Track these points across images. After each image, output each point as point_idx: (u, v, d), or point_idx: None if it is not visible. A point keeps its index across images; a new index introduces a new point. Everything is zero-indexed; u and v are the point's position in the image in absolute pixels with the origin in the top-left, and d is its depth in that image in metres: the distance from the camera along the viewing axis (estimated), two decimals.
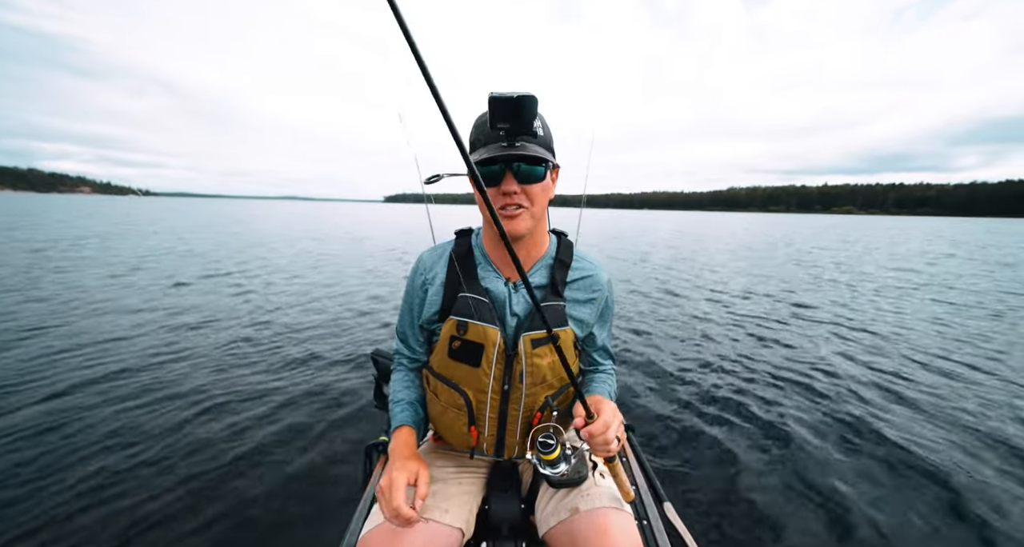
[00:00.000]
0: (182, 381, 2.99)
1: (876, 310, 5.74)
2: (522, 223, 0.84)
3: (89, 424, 2.38)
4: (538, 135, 0.81)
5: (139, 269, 7.39)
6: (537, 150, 0.79)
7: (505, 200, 0.82)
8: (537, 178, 0.82)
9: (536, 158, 0.78)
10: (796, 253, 13.61)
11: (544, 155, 0.79)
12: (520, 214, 0.83)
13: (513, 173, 0.80)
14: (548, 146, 0.84)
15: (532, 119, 0.74)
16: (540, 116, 0.81)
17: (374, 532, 0.81)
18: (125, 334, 3.90)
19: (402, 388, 1.01)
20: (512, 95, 0.70)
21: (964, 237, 26.18)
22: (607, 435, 0.77)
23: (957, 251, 15.59)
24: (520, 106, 0.71)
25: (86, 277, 6.46)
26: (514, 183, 0.81)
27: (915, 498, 1.96)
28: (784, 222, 55.80)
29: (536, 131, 0.80)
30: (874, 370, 3.52)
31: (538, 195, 0.84)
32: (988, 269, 10.28)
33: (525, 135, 0.78)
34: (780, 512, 1.85)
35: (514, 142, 0.77)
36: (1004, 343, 4.29)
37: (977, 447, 2.38)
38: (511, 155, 0.77)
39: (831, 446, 2.38)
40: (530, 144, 0.79)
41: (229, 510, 1.79)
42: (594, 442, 0.77)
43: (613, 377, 1.07)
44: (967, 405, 2.89)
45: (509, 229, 0.83)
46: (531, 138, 0.79)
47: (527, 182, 0.81)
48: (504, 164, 0.79)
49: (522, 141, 0.78)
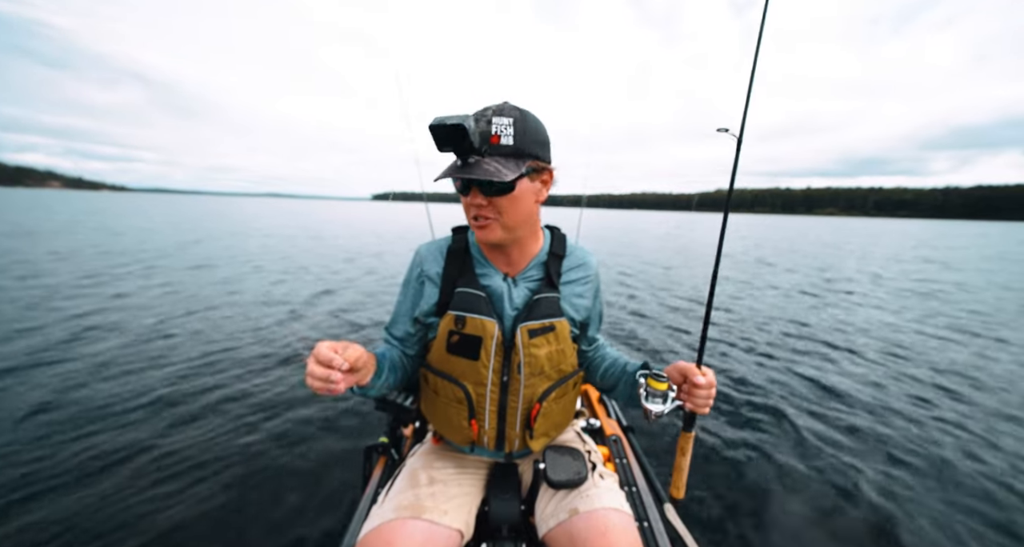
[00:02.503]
0: (180, 382, 2.94)
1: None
2: (492, 233, 0.86)
3: (82, 422, 2.35)
4: (501, 144, 0.78)
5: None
6: (492, 167, 0.77)
7: (476, 211, 0.84)
8: (503, 190, 0.81)
9: (484, 179, 0.77)
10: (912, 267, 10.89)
11: (494, 175, 0.76)
12: (488, 224, 0.85)
13: (479, 186, 0.81)
14: (519, 153, 0.80)
15: (471, 142, 0.72)
16: (515, 121, 0.79)
17: (374, 532, 0.81)
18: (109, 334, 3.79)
19: (384, 347, 1.00)
20: (444, 123, 0.70)
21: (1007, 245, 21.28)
22: (713, 390, 0.85)
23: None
24: (454, 132, 0.71)
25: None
26: (479, 196, 0.82)
27: (939, 503, 1.90)
28: (799, 226, 49.58)
29: (500, 138, 0.78)
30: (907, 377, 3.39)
31: (506, 207, 0.83)
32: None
33: (476, 153, 0.76)
34: (780, 512, 1.85)
35: (468, 160, 0.77)
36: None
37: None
38: (460, 176, 0.77)
39: (831, 445, 2.37)
40: (488, 161, 0.77)
41: (228, 510, 1.79)
42: (702, 394, 0.84)
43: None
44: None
45: (481, 238, 0.88)
46: (490, 154, 0.78)
47: (493, 195, 0.82)
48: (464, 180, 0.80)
49: (476, 158, 0.77)
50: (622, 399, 1.05)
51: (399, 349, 1.03)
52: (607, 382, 1.07)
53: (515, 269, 0.96)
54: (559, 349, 0.93)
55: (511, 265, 0.96)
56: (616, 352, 1.10)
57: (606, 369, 1.07)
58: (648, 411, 0.86)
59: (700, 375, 0.84)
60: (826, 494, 1.99)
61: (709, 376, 0.84)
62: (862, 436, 2.51)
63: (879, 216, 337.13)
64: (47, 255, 8.02)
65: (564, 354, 0.95)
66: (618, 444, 1.32)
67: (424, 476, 0.95)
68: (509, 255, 0.94)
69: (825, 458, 2.28)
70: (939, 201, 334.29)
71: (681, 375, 0.88)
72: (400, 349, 1.03)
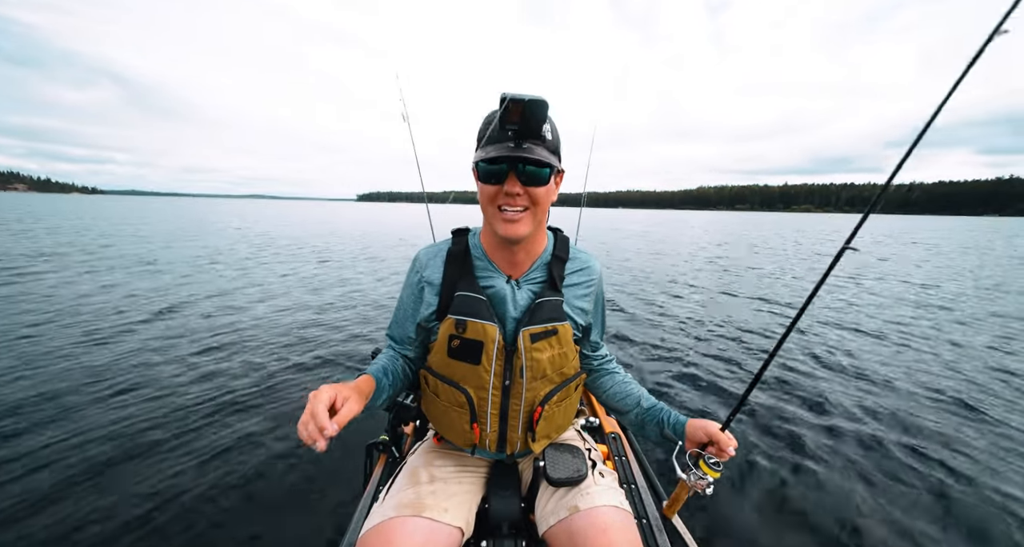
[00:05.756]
0: (176, 383, 2.88)
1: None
2: (523, 226, 0.84)
3: (78, 421, 2.32)
4: (547, 139, 0.81)
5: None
6: (544, 154, 0.79)
7: (507, 201, 0.82)
8: (542, 181, 0.82)
9: (542, 161, 0.79)
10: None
11: (550, 160, 0.79)
12: (522, 218, 0.83)
13: (517, 174, 0.80)
14: (556, 151, 0.84)
15: (542, 123, 0.74)
16: (550, 120, 0.81)
17: (375, 530, 0.80)
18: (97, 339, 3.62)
19: (384, 357, 1.00)
20: (524, 98, 0.70)
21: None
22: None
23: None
24: (532, 109, 0.72)
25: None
26: (518, 185, 0.81)
27: (928, 508, 1.90)
28: (802, 221, 49.72)
29: (545, 135, 0.80)
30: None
31: (542, 198, 0.84)
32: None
33: (534, 138, 0.78)
34: (780, 511, 1.88)
35: (522, 144, 0.77)
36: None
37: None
38: (517, 156, 0.77)
39: (832, 445, 2.39)
40: (537, 147, 0.79)
41: (228, 509, 1.78)
42: (728, 456, 0.92)
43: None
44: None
45: (510, 232, 0.83)
46: (539, 142, 0.80)
47: (531, 184, 0.81)
48: (508, 164, 0.79)
49: (529, 144, 0.78)
50: (633, 429, 1.13)
51: (399, 356, 1.02)
52: (614, 406, 1.10)
53: (519, 271, 0.95)
54: (561, 353, 0.93)
55: (515, 266, 0.95)
56: (625, 376, 1.11)
57: (615, 394, 1.09)
58: (703, 493, 0.93)
59: (731, 445, 0.92)
60: (826, 494, 2.00)
61: (734, 442, 0.93)
62: (865, 436, 2.48)
63: (852, 212, 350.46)
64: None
65: (566, 357, 0.95)
66: (617, 442, 1.33)
67: (425, 474, 0.95)
68: (515, 255, 0.93)
69: (825, 457, 2.29)
70: (906, 197, 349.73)
71: (706, 435, 0.94)
72: (401, 354, 1.02)
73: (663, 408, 1.04)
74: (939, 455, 2.31)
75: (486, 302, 0.90)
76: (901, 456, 2.31)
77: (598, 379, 1.12)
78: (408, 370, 1.03)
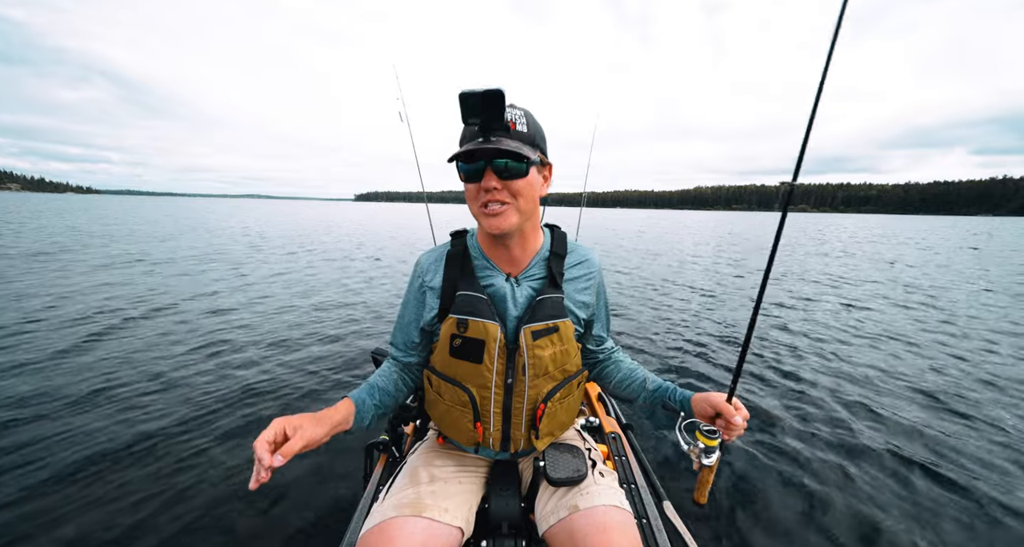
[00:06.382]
0: (175, 384, 2.87)
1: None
2: (506, 219, 0.84)
3: (77, 420, 2.32)
4: (518, 130, 0.81)
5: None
6: (513, 144, 0.79)
7: (487, 197, 0.82)
8: (519, 174, 0.82)
9: (515, 153, 0.78)
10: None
11: (518, 149, 0.78)
12: (504, 211, 0.83)
13: (494, 170, 0.81)
14: (532, 142, 0.84)
15: (502, 112, 0.74)
16: (526, 114, 0.82)
17: (375, 530, 0.80)
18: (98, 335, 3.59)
19: (376, 374, 1.00)
20: (478, 90, 0.70)
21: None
22: (745, 422, 0.89)
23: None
24: (487, 100, 0.71)
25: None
26: (494, 179, 0.81)
27: (942, 511, 1.87)
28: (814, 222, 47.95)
29: (516, 125, 0.80)
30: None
31: (523, 189, 0.83)
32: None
33: (499, 130, 0.78)
34: (779, 511, 1.87)
35: (489, 137, 0.78)
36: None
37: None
38: (486, 149, 0.77)
39: (831, 445, 2.39)
40: (505, 139, 0.79)
41: (228, 509, 1.77)
42: (737, 430, 0.87)
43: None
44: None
45: (494, 226, 0.84)
46: (505, 133, 0.80)
47: (508, 178, 0.81)
48: (484, 161, 0.80)
49: (497, 136, 0.79)
50: (646, 415, 1.08)
51: (397, 368, 1.02)
52: (622, 394, 1.09)
53: (518, 268, 0.95)
54: (563, 349, 0.93)
55: (513, 263, 0.95)
56: (631, 363, 1.10)
57: (621, 380, 1.08)
58: (701, 465, 0.91)
59: (737, 415, 0.87)
60: (826, 493, 2.00)
61: (743, 411, 0.88)
62: (866, 436, 2.45)
63: (847, 212, 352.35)
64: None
65: (568, 354, 0.95)
66: (617, 442, 1.34)
67: (425, 474, 0.95)
68: (511, 251, 0.93)
69: (825, 456, 2.29)
70: (901, 197, 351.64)
71: (712, 408, 0.90)
72: (403, 364, 1.02)
73: (670, 387, 1.01)
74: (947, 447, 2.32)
75: (487, 301, 0.90)
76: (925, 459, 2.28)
77: (603, 369, 1.12)
78: (408, 381, 1.03)
